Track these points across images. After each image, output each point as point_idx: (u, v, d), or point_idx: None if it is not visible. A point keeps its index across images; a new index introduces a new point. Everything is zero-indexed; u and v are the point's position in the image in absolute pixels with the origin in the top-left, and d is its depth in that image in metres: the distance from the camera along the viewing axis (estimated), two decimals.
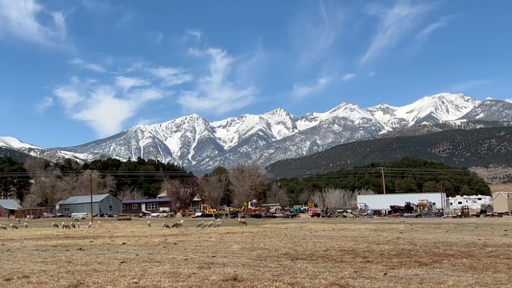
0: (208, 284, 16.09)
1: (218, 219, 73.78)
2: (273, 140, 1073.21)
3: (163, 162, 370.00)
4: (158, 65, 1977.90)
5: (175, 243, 35.82)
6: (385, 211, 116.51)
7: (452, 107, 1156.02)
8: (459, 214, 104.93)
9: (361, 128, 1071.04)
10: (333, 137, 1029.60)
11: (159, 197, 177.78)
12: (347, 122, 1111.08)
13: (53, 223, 73.93)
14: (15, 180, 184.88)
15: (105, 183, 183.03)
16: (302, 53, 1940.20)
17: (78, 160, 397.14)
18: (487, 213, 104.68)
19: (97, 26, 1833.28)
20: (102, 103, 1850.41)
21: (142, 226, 68.46)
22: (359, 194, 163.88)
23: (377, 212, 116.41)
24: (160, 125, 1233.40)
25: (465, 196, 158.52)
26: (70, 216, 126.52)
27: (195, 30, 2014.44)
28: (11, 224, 72.38)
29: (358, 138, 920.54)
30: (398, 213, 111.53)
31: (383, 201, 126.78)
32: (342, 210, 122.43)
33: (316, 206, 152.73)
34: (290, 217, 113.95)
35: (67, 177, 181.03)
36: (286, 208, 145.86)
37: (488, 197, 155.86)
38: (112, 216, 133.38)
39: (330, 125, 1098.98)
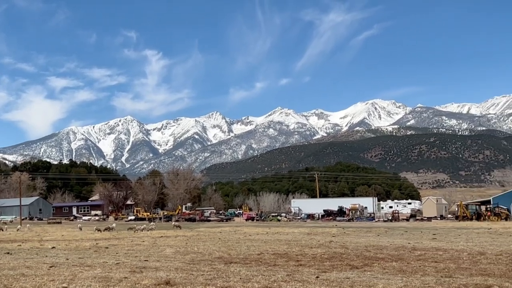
0: None
1: (152, 223, 73.07)
2: (209, 143, 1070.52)
3: (96, 164, 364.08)
4: (92, 65, 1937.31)
5: (107, 247, 35.23)
6: (319, 215, 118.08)
7: (384, 113, 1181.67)
8: (390, 218, 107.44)
9: (296, 133, 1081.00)
10: (269, 141, 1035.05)
11: (91, 200, 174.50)
12: (282, 126, 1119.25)
13: None
14: None
15: (35, 185, 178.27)
16: (239, 57, 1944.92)
17: (7, 162, 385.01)
18: (417, 218, 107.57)
19: (29, 24, 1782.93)
20: (33, 103, 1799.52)
21: (72, 230, 67.03)
22: (293, 198, 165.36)
23: (310, 216, 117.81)
24: (93, 127, 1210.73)
25: (395, 201, 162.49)
26: None
27: (130, 31, 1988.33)
28: None
29: (293, 142, 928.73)
30: (331, 217, 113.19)
31: (317, 205, 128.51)
32: (276, 214, 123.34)
33: (251, 210, 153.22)
34: (224, 220, 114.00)
35: None
36: (220, 211, 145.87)
37: (417, 201, 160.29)
38: (42, 220, 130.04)
39: (266, 129, 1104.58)
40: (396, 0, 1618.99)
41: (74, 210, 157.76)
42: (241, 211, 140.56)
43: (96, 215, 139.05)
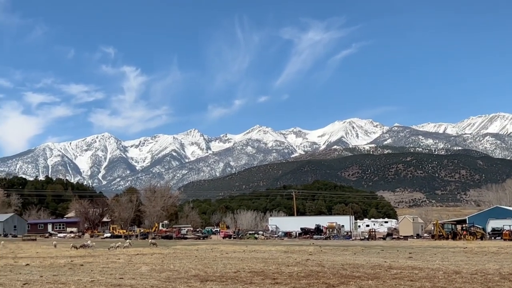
0: None
1: (128, 240, 72.46)
2: (187, 160, 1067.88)
3: (72, 181, 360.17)
4: (69, 81, 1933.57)
5: (82, 265, 34.89)
6: (296, 233, 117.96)
7: (361, 132, 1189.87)
8: (367, 236, 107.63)
9: (274, 151, 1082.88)
10: (247, 159, 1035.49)
11: (67, 217, 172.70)
12: (260, 144, 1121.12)
13: None
14: None
15: (10, 202, 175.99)
16: (218, 75, 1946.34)
17: None
18: (393, 236, 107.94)
19: (5, 39, 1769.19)
20: (8, 119, 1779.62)
21: (47, 247, 66.23)
22: (270, 216, 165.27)
23: (288, 234, 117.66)
24: (70, 143, 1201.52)
25: (372, 219, 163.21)
26: None
27: (108, 47, 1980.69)
28: None
29: (271, 160, 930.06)
30: (308, 235, 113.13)
31: (294, 223, 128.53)
32: (253, 232, 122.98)
33: (228, 227, 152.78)
34: (201, 238, 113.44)
35: None
36: (198, 229, 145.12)
37: (394, 220, 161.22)
38: (16, 237, 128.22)
39: (244, 147, 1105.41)
40: (374, 20, 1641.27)
41: (50, 227, 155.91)
42: (218, 229, 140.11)
43: (71, 232, 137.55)
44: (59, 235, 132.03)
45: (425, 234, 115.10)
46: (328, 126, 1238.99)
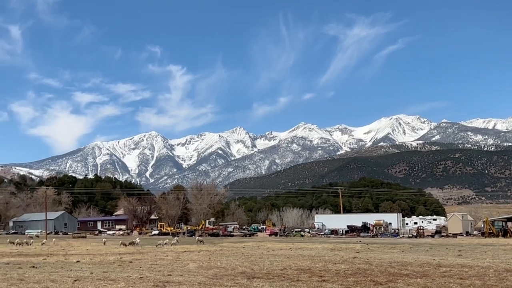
0: None
1: (175, 238, 73.19)
2: (232, 158, 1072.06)
3: (120, 179, 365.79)
4: (117, 81, 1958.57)
5: (131, 261, 35.39)
6: (342, 230, 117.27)
7: (408, 129, 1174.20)
8: (415, 234, 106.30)
9: (319, 148, 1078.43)
10: (292, 156, 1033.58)
11: (116, 215, 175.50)
12: (305, 141, 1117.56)
13: (8, 240, 72.30)
14: None
15: (61, 200, 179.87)
16: (263, 72, 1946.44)
17: (33, 177, 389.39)
18: (442, 234, 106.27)
19: (55, 40, 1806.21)
20: (58, 118, 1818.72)
21: (97, 244, 67.44)
22: (316, 213, 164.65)
23: (334, 232, 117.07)
24: (118, 142, 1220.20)
25: (420, 217, 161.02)
26: (24, 234, 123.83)
27: (155, 46, 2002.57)
28: None
29: (317, 158, 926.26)
30: (355, 233, 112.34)
31: (340, 221, 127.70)
32: (299, 230, 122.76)
33: (274, 225, 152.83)
34: (248, 236, 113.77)
35: (22, 194, 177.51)
36: (244, 227, 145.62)
37: (443, 218, 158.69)
38: (67, 234, 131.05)
39: (289, 145, 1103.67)
40: (420, 14, 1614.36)
41: (99, 224, 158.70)
42: (264, 226, 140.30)
43: (120, 229, 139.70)
44: (108, 232, 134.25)
45: (474, 232, 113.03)
46: (374, 123, 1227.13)
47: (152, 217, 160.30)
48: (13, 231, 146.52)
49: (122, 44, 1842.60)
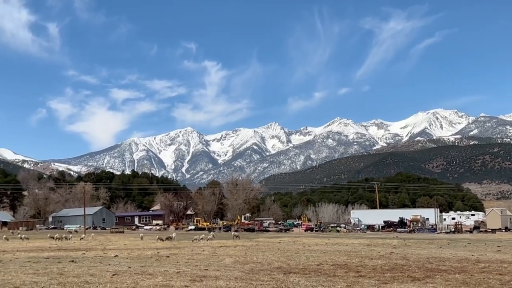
0: None
1: (211, 233, 73.61)
2: (267, 154, 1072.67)
3: (157, 175, 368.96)
4: (153, 77, 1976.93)
5: (168, 256, 35.72)
6: (379, 226, 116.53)
7: (446, 123, 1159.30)
8: (453, 230, 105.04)
9: (355, 143, 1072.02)
10: (327, 151, 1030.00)
11: (153, 210, 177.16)
12: (341, 137, 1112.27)
13: (48, 235, 73.60)
14: (8, 192, 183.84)
15: (99, 195, 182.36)
16: (298, 67, 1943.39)
17: (71, 173, 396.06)
18: (480, 229, 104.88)
19: (91, 37, 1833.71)
20: (96, 115, 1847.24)
21: (135, 239, 68.21)
22: (352, 209, 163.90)
23: (370, 227, 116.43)
24: (154, 138, 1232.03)
25: (458, 212, 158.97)
26: (63, 229, 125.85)
27: (190, 42, 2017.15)
28: (4, 236, 72.15)
29: (352, 153, 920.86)
30: (391, 228, 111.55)
31: (377, 216, 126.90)
32: (335, 225, 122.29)
33: (309, 220, 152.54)
34: (283, 231, 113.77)
35: (61, 189, 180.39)
36: (279, 222, 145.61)
37: (481, 213, 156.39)
38: (105, 229, 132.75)
39: (325, 140, 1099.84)
40: (457, 7, 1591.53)
41: (136, 219, 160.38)
42: (300, 222, 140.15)
43: (157, 224, 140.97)
44: (145, 227, 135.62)
45: None
46: (411, 117, 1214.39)
47: (188, 212, 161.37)
48: (52, 226, 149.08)
49: (157, 40, 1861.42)
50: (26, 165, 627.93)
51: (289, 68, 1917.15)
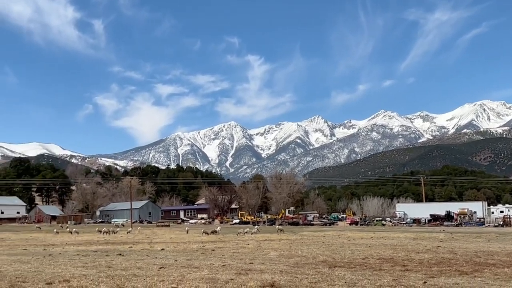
0: None
1: (256, 226, 73.83)
2: (311, 147, 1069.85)
3: (201, 169, 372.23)
4: (196, 72, 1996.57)
5: (213, 250, 35.98)
6: (425, 219, 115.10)
7: (493, 115, 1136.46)
8: (501, 223, 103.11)
9: (400, 136, 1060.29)
10: (372, 144, 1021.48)
11: (197, 204, 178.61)
12: (385, 129, 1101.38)
13: (97, 229, 75.02)
14: (57, 187, 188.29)
15: (145, 190, 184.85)
16: (341, 60, 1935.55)
17: (118, 167, 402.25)
18: None
19: (136, 33, 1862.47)
20: (141, 110, 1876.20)
21: (180, 233, 68.90)
22: (398, 202, 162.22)
23: (416, 221, 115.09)
24: (199, 132, 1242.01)
25: (507, 205, 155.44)
26: (110, 222, 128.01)
27: (233, 37, 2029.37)
28: (55, 230, 73.85)
29: (397, 146, 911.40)
30: (438, 222, 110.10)
31: (423, 210, 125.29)
32: (380, 219, 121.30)
33: (354, 214, 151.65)
34: (328, 225, 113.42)
35: (108, 184, 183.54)
36: (324, 216, 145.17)
37: None
38: (151, 223, 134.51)
39: (369, 133, 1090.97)
40: None
41: (182, 213, 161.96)
42: (344, 216, 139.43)
43: (202, 218, 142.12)
44: (190, 221, 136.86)
45: None
46: (457, 109, 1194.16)
47: (233, 206, 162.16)
48: (100, 220, 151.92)
49: (201, 35, 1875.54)
50: (74, 160, 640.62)
51: (332, 61, 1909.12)
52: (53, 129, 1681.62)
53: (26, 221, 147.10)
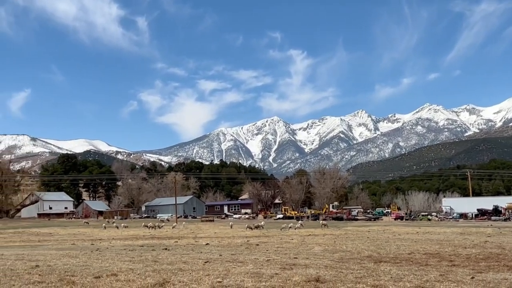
0: (291, 284, 16.13)
1: (299, 221, 73.77)
2: (355, 142, 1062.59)
3: (244, 164, 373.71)
4: (239, 67, 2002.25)
5: (257, 244, 36.10)
6: (472, 214, 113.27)
7: None
8: None
9: (445, 130, 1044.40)
10: (417, 138, 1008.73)
11: (241, 199, 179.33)
12: (431, 123, 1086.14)
13: (143, 224, 76.13)
14: (103, 182, 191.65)
15: (189, 185, 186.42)
16: (384, 53, 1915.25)
17: (162, 163, 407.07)
18: None
19: (179, 30, 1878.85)
20: (184, 106, 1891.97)
21: (224, 228, 69.30)
22: (444, 197, 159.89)
23: (463, 216, 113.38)
24: (242, 128, 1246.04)
25: None
26: (156, 217, 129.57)
27: (275, 31, 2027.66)
28: (103, 225, 75.28)
29: (443, 139, 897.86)
30: (485, 217, 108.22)
31: (470, 204, 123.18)
32: (426, 213, 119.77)
33: (399, 209, 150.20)
34: (372, 220, 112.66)
35: (153, 180, 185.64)
36: (368, 211, 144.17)
37: None
38: (195, 218, 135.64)
39: (413, 127, 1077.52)
40: None
41: (225, 208, 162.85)
42: (389, 210, 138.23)
43: (246, 213, 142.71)
44: (234, 216, 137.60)
45: None
46: (504, 102, 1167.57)
47: (276, 201, 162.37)
48: (145, 215, 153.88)
49: (243, 31, 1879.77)
50: (119, 156, 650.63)
51: (375, 54, 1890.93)
52: (99, 125, 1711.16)
53: (74, 216, 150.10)
